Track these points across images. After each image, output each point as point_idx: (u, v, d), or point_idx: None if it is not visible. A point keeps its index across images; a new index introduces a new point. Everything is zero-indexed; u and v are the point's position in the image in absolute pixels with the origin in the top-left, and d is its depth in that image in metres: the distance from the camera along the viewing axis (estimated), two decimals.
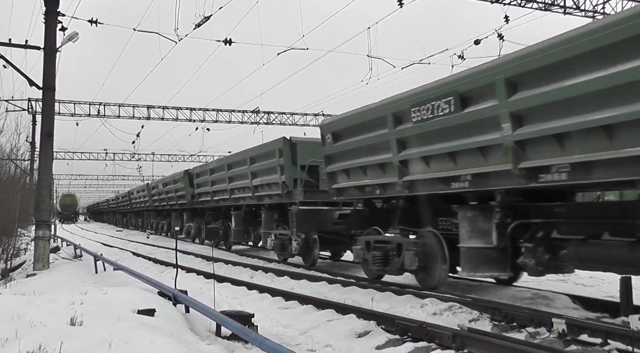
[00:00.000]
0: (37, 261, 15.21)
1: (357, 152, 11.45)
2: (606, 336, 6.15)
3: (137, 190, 45.59)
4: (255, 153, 17.58)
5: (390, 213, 11.54)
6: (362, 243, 11.56)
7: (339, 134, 12.10)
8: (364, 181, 11.41)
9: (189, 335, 6.22)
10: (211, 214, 24.04)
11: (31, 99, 31.89)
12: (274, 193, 16.04)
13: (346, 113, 12.03)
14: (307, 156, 14.61)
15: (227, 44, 20.73)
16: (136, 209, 46.64)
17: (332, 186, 12.54)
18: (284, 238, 15.26)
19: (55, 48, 15.83)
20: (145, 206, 41.11)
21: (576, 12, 20.18)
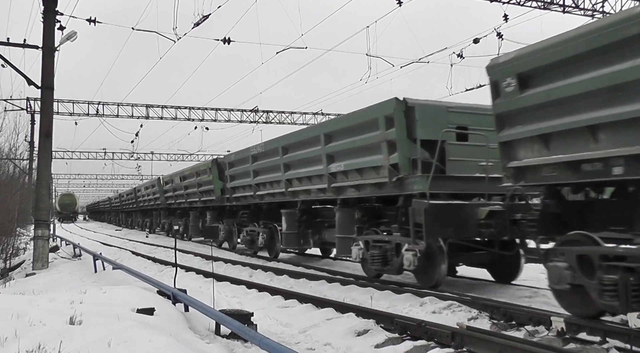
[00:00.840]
0: (36, 260, 15.21)
1: (574, 103, 6.89)
2: (605, 334, 6.17)
3: (144, 186, 40.85)
4: (335, 126, 12.78)
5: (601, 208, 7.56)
6: None
7: (534, 75, 7.46)
8: (581, 153, 6.86)
9: (188, 333, 6.22)
10: (246, 214, 19.87)
11: (30, 99, 31.92)
12: (369, 182, 11.31)
13: (552, 39, 7.23)
14: (431, 126, 10.06)
15: (225, 43, 20.75)
16: (143, 208, 42.33)
17: (509, 165, 7.94)
18: (385, 247, 10.72)
19: (53, 47, 15.82)
20: (154, 204, 36.68)
21: (575, 10, 20.18)
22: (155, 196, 35.31)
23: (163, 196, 32.50)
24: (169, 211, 33.73)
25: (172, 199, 30.35)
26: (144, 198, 39.97)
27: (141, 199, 41.52)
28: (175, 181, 29.14)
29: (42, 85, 15.74)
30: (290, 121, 37.21)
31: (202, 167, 24.17)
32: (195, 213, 26.72)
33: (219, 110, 36.22)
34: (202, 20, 17.79)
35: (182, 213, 30.29)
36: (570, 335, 6.37)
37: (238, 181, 19.27)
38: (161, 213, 35.95)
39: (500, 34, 19.81)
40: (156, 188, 34.38)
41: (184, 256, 18.20)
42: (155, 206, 36.42)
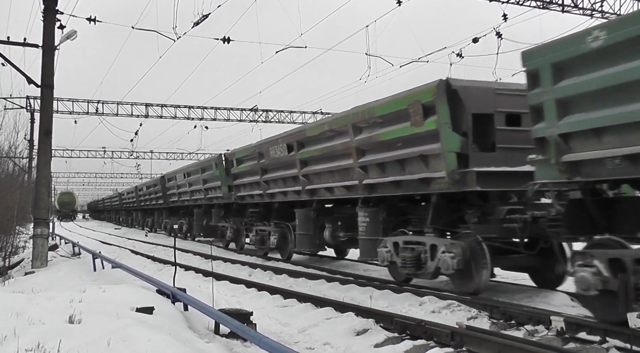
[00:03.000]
0: (35, 259, 15.20)
1: None
2: (605, 334, 6.17)
3: (146, 185, 39.33)
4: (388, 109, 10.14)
5: None
6: None
7: None
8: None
9: (187, 333, 6.22)
10: (255, 212, 18.44)
11: (29, 97, 31.88)
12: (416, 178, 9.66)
13: None
14: None
15: (225, 43, 20.75)
16: (145, 207, 41.09)
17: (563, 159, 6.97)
18: (419, 248, 9.72)
19: (53, 46, 15.80)
20: (156, 203, 35.41)
21: (574, 10, 20.18)
22: (158, 195, 33.82)
23: (165, 194, 31.15)
24: (171, 210, 32.34)
25: (176, 197, 28.95)
26: (146, 197, 38.75)
27: (143, 198, 40.36)
28: (178, 178, 27.73)
29: (42, 83, 15.72)
30: (289, 120, 37.22)
31: (208, 163, 22.62)
32: (199, 212, 25.15)
33: (218, 109, 36.23)
34: (201, 19, 17.80)
35: (185, 211, 28.88)
36: (570, 334, 6.37)
37: (246, 179, 17.83)
38: (163, 212, 34.56)
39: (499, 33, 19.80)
40: (159, 186, 32.80)
41: (184, 255, 18.19)
42: (157, 205, 35.03)
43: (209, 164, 22.26)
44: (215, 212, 22.50)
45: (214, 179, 21.49)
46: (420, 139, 9.37)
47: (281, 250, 16.31)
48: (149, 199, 37.64)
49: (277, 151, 14.95)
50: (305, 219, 14.49)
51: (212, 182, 21.82)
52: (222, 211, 22.05)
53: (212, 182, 21.92)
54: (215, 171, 20.98)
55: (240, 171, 18.25)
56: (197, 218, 25.33)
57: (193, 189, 25.11)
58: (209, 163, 22.48)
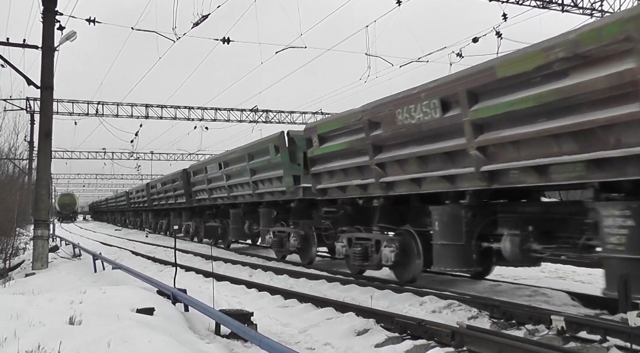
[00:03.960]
0: (35, 260, 15.21)
1: None
2: (605, 333, 6.16)
3: (162, 182, 33.67)
4: None
5: None
6: None
7: None
8: None
9: (188, 333, 6.22)
10: (335, 213, 13.75)
11: (29, 99, 31.91)
12: None
13: None
14: None
15: (225, 43, 20.78)
16: (159, 208, 35.50)
17: None
18: None
19: (53, 47, 15.82)
20: (174, 203, 30.05)
21: (574, 9, 20.19)
22: (178, 193, 28.52)
23: (188, 192, 26.09)
24: (192, 211, 27.59)
25: (205, 194, 23.37)
26: (161, 195, 33.23)
27: (156, 197, 34.95)
28: (210, 170, 22.09)
29: (41, 85, 15.74)
30: (289, 121, 37.24)
31: (261, 146, 16.69)
32: (237, 212, 20.03)
33: (218, 110, 36.24)
34: (201, 20, 17.82)
35: (216, 212, 23.68)
36: (571, 333, 6.36)
37: (337, 163, 12.15)
38: (183, 213, 29.26)
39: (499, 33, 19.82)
40: (179, 183, 27.44)
41: (184, 256, 18.19)
42: (177, 204, 29.56)
43: (263, 147, 16.49)
44: (265, 212, 17.54)
45: (270, 167, 16.12)
46: None
47: (402, 268, 10.97)
48: (165, 198, 32.30)
49: (411, 114, 9.56)
50: (452, 221, 9.26)
51: (267, 172, 16.41)
52: (274, 211, 17.27)
53: (266, 172, 16.51)
54: (274, 157, 15.58)
55: (324, 153, 12.58)
56: (235, 220, 20.09)
57: (233, 183, 19.45)
58: (262, 147, 16.61)
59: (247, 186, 18.25)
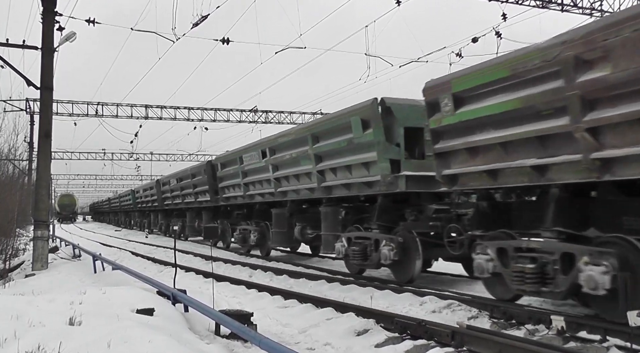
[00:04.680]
0: (35, 261, 15.21)
1: None
2: (605, 333, 6.16)
3: (177, 177, 28.66)
4: None
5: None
6: None
7: None
8: None
9: (188, 334, 6.22)
10: None
11: (29, 99, 31.91)
12: None
13: None
14: None
15: (224, 43, 20.78)
16: (172, 207, 31.17)
17: None
18: None
19: (52, 48, 15.82)
20: (192, 202, 25.58)
21: (574, 9, 20.21)
22: (198, 190, 24.13)
23: (214, 189, 21.65)
24: (215, 211, 23.60)
25: (237, 191, 18.88)
26: (176, 193, 29.06)
27: (169, 196, 30.77)
28: (248, 159, 17.30)
29: (41, 86, 15.74)
30: (289, 121, 37.23)
31: (336, 122, 12.02)
32: (282, 212, 15.82)
33: (218, 110, 36.23)
34: (201, 20, 17.82)
35: (248, 212, 19.36)
36: (571, 333, 6.37)
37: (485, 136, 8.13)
38: (204, 213, 24.79)
39: (499, 33, 19.85)
40: (201, 178, 23.18)
41: (184, 257, 18.19)
42: (196, 203, 25.23)
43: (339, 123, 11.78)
44: (330, 212, 13.19)
45: (350, 151, 11.60)
46: None
47: None
48: (181, 196, 27.63)
49: None
50: None
51: (344, 157, 11.88)
52: (341, 210, 13.33)
53: (341, 157, 11.97)
54: (360, 136, 11.02)
55: (464, 121, 8.43)
56: (278, 223, 16.01)
57: (285, 175, 14.87)
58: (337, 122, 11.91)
59: (307, 178, 13.55)
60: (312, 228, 14.77)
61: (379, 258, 10.84)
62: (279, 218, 16.02)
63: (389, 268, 11.21)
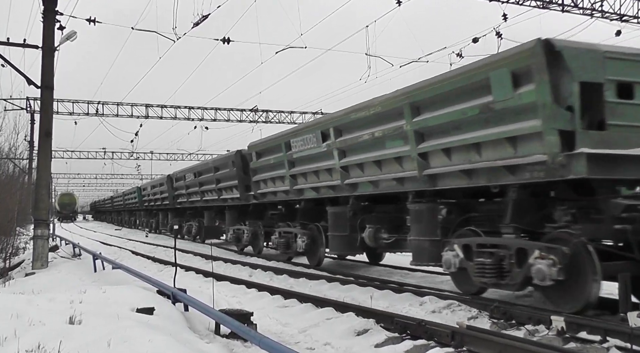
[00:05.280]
0: (35, 260, 15.22)
1: None
2: (605, 333, 6.16)
3: (195, 171, 24.48)
4: None
5: None
6: None
7: None
8: None
9: (188, 333, 6.22)
10: None
11: (29, 98, 31.92)
12: None
13: None
14: None
15: (225, 43, 20.77)
16: (187, 206, 27.23)
17: None
18: None
19: (53, 47, 15.82)
20: (215, 200, 21.74)
21: (574, 10, 20.18)
22: (224, 186, 20.19)
23: (248, 181, 17.67)
24: (242, 211, 20.09)
25: (281, 185, 15.28)
26: (190, 190, 25.49)
27: (183, 193, 26.84)
28: (299, 145, 13.68)
29: (41, 85, 15.75)
30: (289, 121, 37.23)
31: (461, 81, 8.46)
32: (342, 211, 12.82)
33: (218, 110, 36.21)
34: (201, 20, 17.82)
35: (287, 212, 16.45)
36: (571, 334, 6.37)
37: None
38: (228, 213, 21.28)
39: (499, 33, 19.85)
40: (228, 171, 19.36)
41: (184, 256, 18.19)
42: (218, 202, 21.57)
43: (468, 82, 8.36)
44: (427, 210, 9.98)
45: (481, 122, 8.27)
46: None
47: None
48: (199, 193, 23.99)
49: None
50: None
51: (469, 131, 8.50)
52: (441, 208, 10.17)
53: (463, 132, 8.62)
54: (508, 95, 7.63)
55: None
56: (337, 224, 12.83)
57: (385, 156, 10.57)
58: (466, 80, 8.41)
59: (397, 165, 10.18)
60: (390, 231, 11.64)
61: (526, 276, 7.62)
62: (338, 219, 12.84)
63: (541, 292, 7.98)
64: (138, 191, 42.31)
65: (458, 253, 8.70)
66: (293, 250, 14.91)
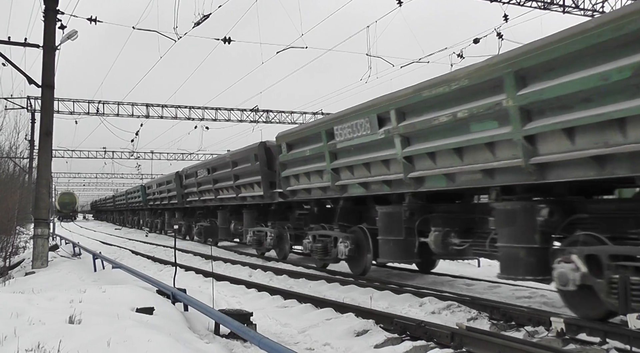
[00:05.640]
0: (35, 259, 15.21)
1: None
2: (605, 335, 6.17)
3: (209, 166, 21.85)
4: None
5: None
6: None
7: None
8: None
9: (187, 333, 6.22)
10: None
11: (30, 97, 31.94)
12: None
13: None
14: None
15: (226, 43, 20.76)
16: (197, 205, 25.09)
17: None
18: None
19: (54, 46, 15.82)
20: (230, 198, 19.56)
21: (575, 11, 20.21)
22: (243, 182, 17.85)
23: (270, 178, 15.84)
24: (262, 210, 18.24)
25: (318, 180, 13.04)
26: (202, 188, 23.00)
27: (193, 190, 24.50)
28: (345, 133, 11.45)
29: (42, 84, 15.74)
30: (290, 121, 37.25)
31: (606, 33, 6.10)
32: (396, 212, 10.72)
33: (219, 109, 36.23)
34: (202, 19, 17.82)
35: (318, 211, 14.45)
36: (570, 335, 6.37)
37: None
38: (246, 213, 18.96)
39: (500, 34, 19.85)
40: (249, 166, 17.02)
41: (184, 256, 18.20)
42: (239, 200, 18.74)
43: None
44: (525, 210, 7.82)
45: None
46: None
47: None
48: (215, 191, 21.09)
49: None
50: None
51: None
52: (544, 207, 7.76)
53: None
54: None
55: None
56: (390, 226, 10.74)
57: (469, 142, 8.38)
58: None
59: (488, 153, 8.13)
60: (461, 235, 9.76)
61: None
62: (391, 220, 10.75)
63: None
64: (142, 190, 40.00)
65: (578, 266, 6.82)
66: (332, 256, 12.83)
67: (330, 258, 13.05)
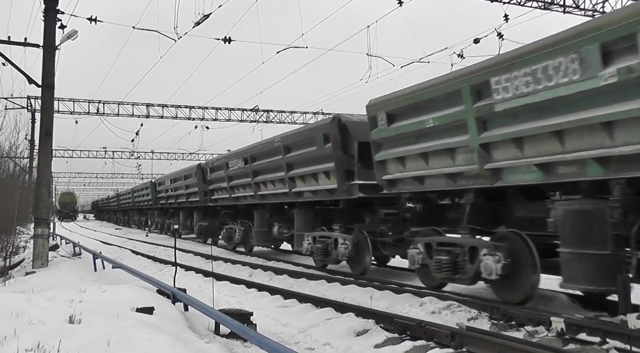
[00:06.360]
0: (35, 259, 15.21)
1: None
2: (605, 335, 6.16)
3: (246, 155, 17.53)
4: None
5: None
6: None
7: None
8: None
9: (187, 333, 6.22)
10: None
11: (30, 97, 31.93)
12: None
13: None
14: None
15: (226, 43, 20.76)
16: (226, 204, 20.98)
17: None
18: None
19: (54, 46, 15.82)
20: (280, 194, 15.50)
21: (576, 11, 20.19)
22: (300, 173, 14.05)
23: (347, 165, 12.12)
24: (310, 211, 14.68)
25: (451, 163, 9.01)
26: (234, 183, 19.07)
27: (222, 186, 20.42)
28: (509, 87, 7.57)
29: (42, 83, 15.74)
30: (290, 121, 37.24)
31: None
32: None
33: (219, 109, 36.23)
34: (202, 19, 17.81)
35: (430, 211, 10.59)
36: (570, 335, 6.36)
37: None
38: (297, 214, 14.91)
39: (500, 34, 19.84)
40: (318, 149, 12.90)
41: (184, 256, 18.20)
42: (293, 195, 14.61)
43: None
44: None
45: None
46: None
47: None
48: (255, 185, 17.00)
49: None
50: None
51: None
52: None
53: None
54: None
55: None
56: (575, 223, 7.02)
57: None
58: None
59: None
60: None
61: None
62: (586, 223, 6.89)
63: None
64: (152, 187, 35.67)
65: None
66: (468, 274, 8.89)
67: (465, 278, 8.99)
